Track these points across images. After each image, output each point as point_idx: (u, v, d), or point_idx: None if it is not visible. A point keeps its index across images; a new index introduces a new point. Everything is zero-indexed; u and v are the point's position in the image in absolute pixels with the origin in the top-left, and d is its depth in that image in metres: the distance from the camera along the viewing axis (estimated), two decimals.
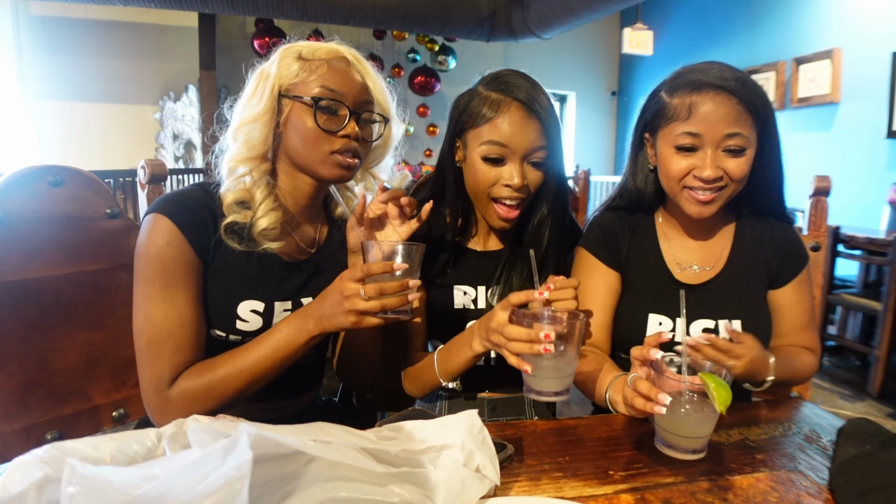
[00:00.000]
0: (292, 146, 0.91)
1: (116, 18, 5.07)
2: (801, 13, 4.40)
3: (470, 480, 0.53)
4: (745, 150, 0.91)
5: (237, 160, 0.91)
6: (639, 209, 1.07)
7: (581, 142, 6.86)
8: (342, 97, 0.89)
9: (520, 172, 0.96)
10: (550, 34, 4.96)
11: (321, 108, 0.88)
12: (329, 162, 0.90)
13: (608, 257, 1.05)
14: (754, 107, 0.90)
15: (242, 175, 0.92)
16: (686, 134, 0.92)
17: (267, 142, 0.91)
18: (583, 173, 3.64)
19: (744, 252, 1.03)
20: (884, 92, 3.72)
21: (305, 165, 0.92)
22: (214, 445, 0.40)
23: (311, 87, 0.88)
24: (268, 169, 0.93)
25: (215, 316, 0.90)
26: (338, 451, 0.47)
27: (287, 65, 0.90)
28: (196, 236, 0.86)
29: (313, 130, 0.88)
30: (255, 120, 0.89)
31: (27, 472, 0.46)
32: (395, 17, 4.79)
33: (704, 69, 0.93)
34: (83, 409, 1.00)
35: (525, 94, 0.96)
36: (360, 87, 0.91)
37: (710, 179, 0.91)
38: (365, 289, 0.75)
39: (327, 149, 0.89)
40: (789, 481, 0.66)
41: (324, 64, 0.89)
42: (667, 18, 5.93)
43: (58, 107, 5.02)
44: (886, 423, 1.13)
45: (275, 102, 0.89)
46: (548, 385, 0.78)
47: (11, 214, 0.91)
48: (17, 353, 0.92)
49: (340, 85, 0.89)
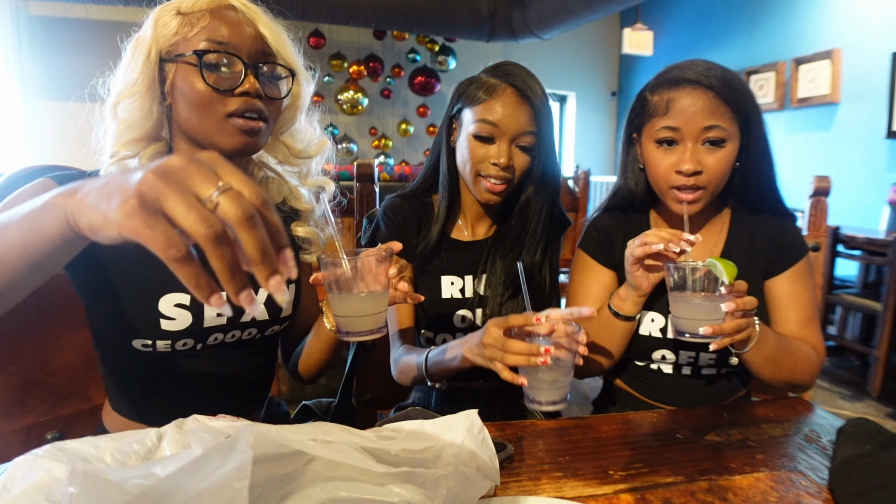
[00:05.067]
0: (184, 117, 0.76)
1: (116, 18, 5.07)
2: (800, 13, 4.40)
3: (470, 480, 0.53)
4: (724, 141, 0.92)
5: (119, 143, 0.77)
6: (632, 209, 1.09)
7: (581, 142, 6.86)
8: (235, 50, 0.75)
9: (507, 153, 1.00)
10: (550, 34, 4.96)
11: (208, 64, 0.74)
12: (227, 128, 0.75)
13: (603, 257, 1.07)
14: (733, 100, 0.91)
15: (126, 158, 0.77)
16: (665, 128, 0.94)
17: (151, 115, 0.76)
18: (583, 173, 3.63)
19: (738, 247, 1.03)
20: (883, 92, 3.72)
21: (203, 137, 0.77)
22: (214, 445, 0.40)
23: (194, 43, 0.74)
24: (161, 150, 0.79)
25: (135, 321, 0.76)
26: (338, 450, 0.47)
27: (164, 24, 0.75)
28: None
29: (203, 91, 0.74)
30: (133, 93, 0.75)
31: (27, 472, 0.46)
32: (395, 17, 4.79)
33: (685, 66, 0.95)
34: (83, 409, 1.00)
35: (520, 82, 1.00)
36: (255, 37, 0.77)
37: (689, 172, 0.92)
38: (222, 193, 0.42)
39: (223, 111, 0.75)
40: (789, 481, 0.66)
41: (206, 15, 0.75)
42: (667, 18, 5.93)
43: (58, 107, 5.01)
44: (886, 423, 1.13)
45: (154, 69, 0.75)
46: (546, 395, 0.79)
47: None
48: (17, 353, 0.92)
49: (230, 36, 0.75)
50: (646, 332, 1.01)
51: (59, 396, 0.97)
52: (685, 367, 1.02)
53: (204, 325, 0.79)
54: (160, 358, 0.79)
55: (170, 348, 0.78)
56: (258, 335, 0.88)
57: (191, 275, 0.41)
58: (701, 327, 0.80)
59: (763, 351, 0.87)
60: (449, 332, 1.10)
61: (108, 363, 0.85)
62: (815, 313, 1.00)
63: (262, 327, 0.87)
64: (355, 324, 0.75)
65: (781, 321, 1.00)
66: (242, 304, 0.42)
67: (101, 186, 0.44)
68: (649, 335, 1.00)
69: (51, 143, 5.00)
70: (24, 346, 0.93)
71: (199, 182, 0.41)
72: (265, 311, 0.86)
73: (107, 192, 0.43)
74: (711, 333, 0.79)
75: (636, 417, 0.85)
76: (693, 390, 1.03)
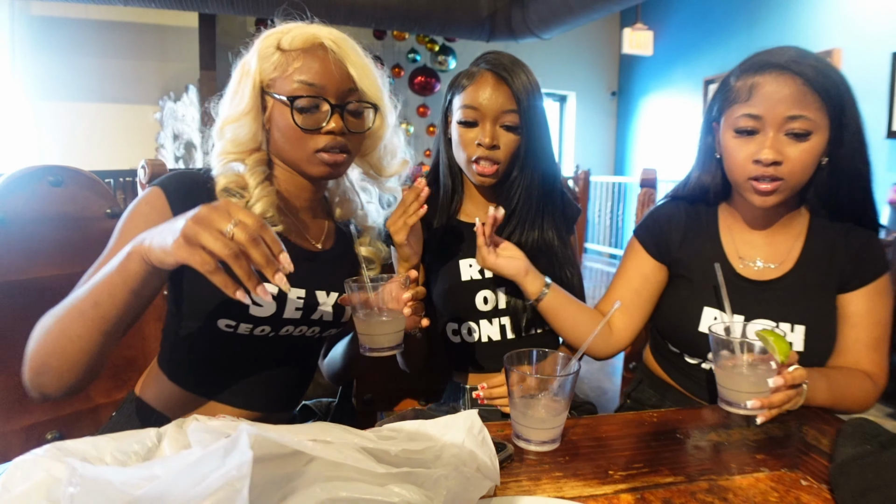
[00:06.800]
0: (279, 144, 0.88)
1: (116, 18, 5.07)
2: (800, 13, 4.41)
3: (470, 480, 0.53)
4: (809, 133, 0.85)
5: (226, 154, 0.88)
6: (701, 200, 1.05)
7: (581, 142, 6.86)
8: (322, 91, 0.83)
9: (490, 133, 1.03)
10: (550, 34, 4.96)
11: (299, 107, 0.83)
12: (315, 161, 0.86)
13: (653, 247, 1.06)
14: (824, 89, 0.84)
15: (232, 161, 0.88)
16: (745, 116, 0.88)
17: (256, 138, 0.88)
18: (583, 173, 3.63)
19: (815, 254, 0.96)
20: (884, 92, 3.72)
21: (293, 164, 0.89)
22: (214, 445, 0.40)
23: (288, 84, 0.83)
24: (262, 158, 0.90)
25: (230, 304, 0.83)
26: (338, 451, 0.47)
27: (266, 56, 0.85)
28: (181, 207, 0.76)
29: (295, 130, 0.84)
30: (239, 119, 0.86)
31: (27, 472, 0.46)
32: (395, 17, 4.80)
33: (775, 51, 0.89)
34: (83, 409, 1.00)
35: (498, 66, 1.04)
36: (342, 76, 0.85)
37: (767, 162, 0.85)
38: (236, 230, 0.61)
39: (311, 147, 0.85)
40: (789, 481, 0.66)
41: (301, 55, 0.84)
42: (667, 18, 5.93)
43: (58, 107, 5.02)
44: (886, 423, 1.13)
45: (258, 100, 0.86)
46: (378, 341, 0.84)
47: (11, 214, 0.91)
48: (17, 353, 0.92)
49: (320, 77, 0.83)
50: (705, 331, 0.96)
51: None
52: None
53: (283, 317, 0.87)
54: (235, 339, 0.86)
55: (249, 332, 0.86)
56: (318, 334, 0.96)
57: (220, 281, 0.62)
58: (749, 401, 0.78)
59: (813, 404, 0.85)
60: (473, 319, 1.11)
61: (184, 339, 0.89)
62: (886, 334, 0.93)
63: (324, 327, 0.95)
64: (376, 341, 0.84)
65: (850, 340, 0.94)
66: (259, 294, 0.62)
67: (161, 235, 0.64)
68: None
69: (51, 143, 5.01)
70: (24, 347, 0.93)
71: (220, 222, 0.61)
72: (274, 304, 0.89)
73: (164, 237, 0.63)
74: (759, 407, 0.78)
75: (636, 417, 0.85)
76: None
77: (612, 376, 2.99)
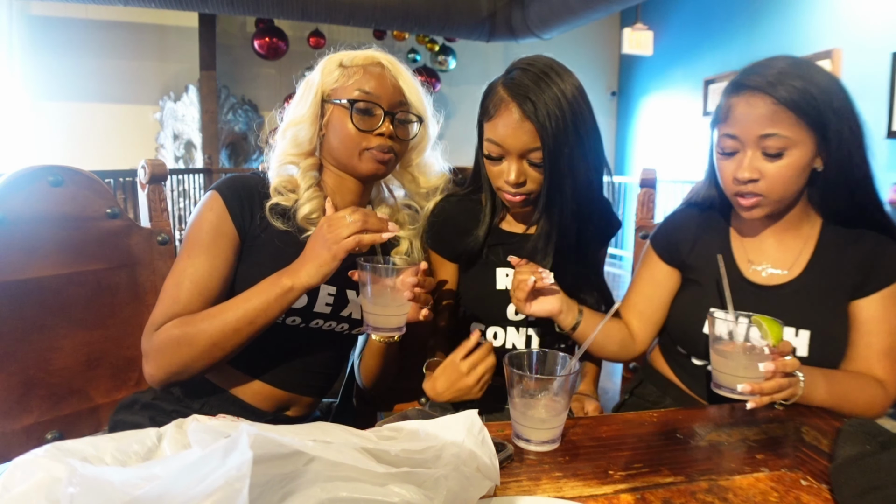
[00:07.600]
0: (333, 146, 0.99)
1: (116, 18, 5.07)
2: (800, 13, 4.41)
3: (470, 480, 0.52)
4: (785, 150, 0.87)
5: (285, 155, 1.00)
6: (713, 207, 1.06)
7: None
8: (377, 99, 0.97)
9: (517, 170, 0.97)
10: (550, 34, 4.96)
11: (358, 109, 0.96)
12: (365, 157, 0.98)
13: (665, 253, 1.08)
14: (797, 106, 0.86)
15: (288, 163, 1.01)
16: (726, 136, 0.92)
17: (312, 141, 1.00)
18: None
19: (826, 259, 0.95)
20: (883, 92, 3.72)
21: (346, 162, 0.99)
22: (214, 445, 0.40)
23: (349, 91, 0.97)
24: (314, 164, 1.02)
25: None
26: (338, 451, 0.47)
27: (329, 72, 0.99)
28: (237, 209, 0.95)
29: (351, 130, 0.96)
30: (301, 122, 0.98)
31: (27, 472, 0.46)
32: (395, 17, 4.79)
33: (752, 68, 0.91)
34: (83, 409, 1.00)
35: (520, 94, 0.94)
36: (394, 90, 0.99)
37: (744, 180, 0.89)
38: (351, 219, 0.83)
39: (364, 145, 0.97)
40: (789, 481, 0.66)
41: (361, 70, 0.98)
42: (667, 18, 5.93)
43: (58, 107, 5.02)
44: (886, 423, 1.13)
45: (318, 107, 0.98)
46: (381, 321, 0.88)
47: (11, 214, 0.91)
48: (17, 353, 0.92)
49: (376, 88, 0.97)
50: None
51: (59, 396, 0.97)
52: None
53: (314, 310, 0.98)
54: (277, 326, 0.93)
55: (281, 320, 0.95)
56: (347, 331, 1.04)
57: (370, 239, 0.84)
58: (739, 384, 0.78)
59: (812, 401, 0.85)
60: (500, 326, 1.10)
61: None
62: None
63: (353, 325, 1.04)
64: (379, 321, 0.88)
65: (862, 347, 0.92)
66: (378, 236, 0.84)
67: (311, 265, 0.85)
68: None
69: (51, 143, 5.01)
70: (24, 346, 0.93)
71: (340, 220, 0.84)
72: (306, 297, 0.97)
73: (317, 260, 0.84)
74: (750, 392, 0.78)
75: (636, 417, 0.85)
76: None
77: (612, 376, 2.99)
